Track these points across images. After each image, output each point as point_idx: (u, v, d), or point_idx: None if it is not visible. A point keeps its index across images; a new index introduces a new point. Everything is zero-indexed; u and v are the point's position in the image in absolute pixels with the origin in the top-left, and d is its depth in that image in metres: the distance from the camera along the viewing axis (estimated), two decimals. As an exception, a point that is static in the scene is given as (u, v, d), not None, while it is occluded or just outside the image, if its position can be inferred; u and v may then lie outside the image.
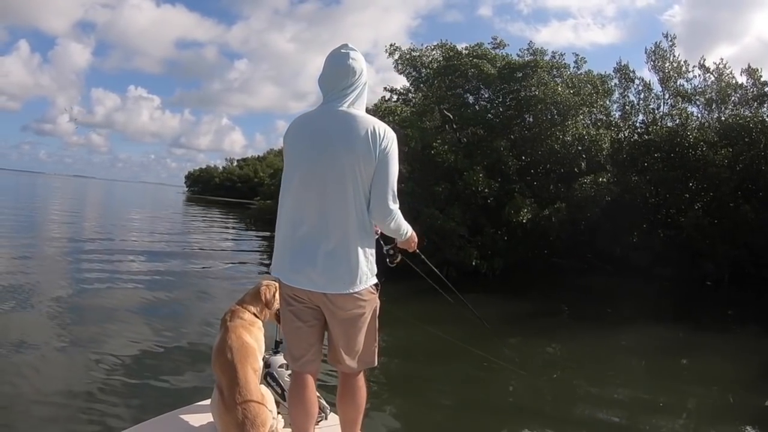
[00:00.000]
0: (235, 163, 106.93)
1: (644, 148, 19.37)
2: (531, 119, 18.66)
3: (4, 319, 7.92)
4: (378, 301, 2.65)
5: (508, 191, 17.07)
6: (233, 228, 33.31)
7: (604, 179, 17.55)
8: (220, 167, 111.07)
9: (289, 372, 3.16)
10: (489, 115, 19.03)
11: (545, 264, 17.84)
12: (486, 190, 16.72)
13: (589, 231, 17.81)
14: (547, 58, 19.85)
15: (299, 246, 2.50)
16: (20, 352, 6.48)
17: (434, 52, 20.11)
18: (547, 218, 16.47)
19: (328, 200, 2.44)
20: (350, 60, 2.51)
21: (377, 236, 2.72)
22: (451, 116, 18.46)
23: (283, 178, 2.62)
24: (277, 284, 3.00)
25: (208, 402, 3.21)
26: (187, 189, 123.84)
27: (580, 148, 17.90)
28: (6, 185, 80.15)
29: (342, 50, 2.54)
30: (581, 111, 18.03)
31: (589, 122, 19.35)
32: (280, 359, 3.38)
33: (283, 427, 3.16)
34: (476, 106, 19.56)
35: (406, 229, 2.69)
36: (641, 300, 15.43)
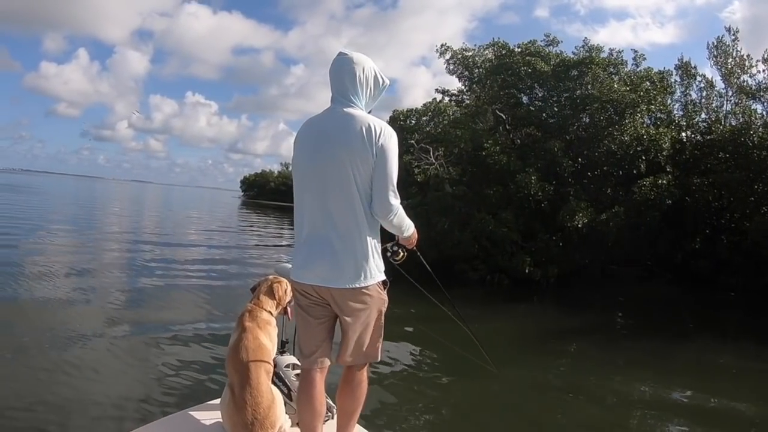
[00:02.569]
0: (291, 168, 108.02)
1: (707, 149, 18.46)
2: (587, 119, 17.93)
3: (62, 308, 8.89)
4: (386, 299, 2.69)
5: (563, 194, 16.47)
6: (288, 230, 33.63)
7: (665, 181, 16.66)
8: (276, 172, 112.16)
9: (296, 372, 3.27)
10: (543, 114, 18.39)
11: (602, 272, 17.15)
12: (540, 194, 16.18)
13: (648, 236, 17.01)
14: (603, 55, 19.07)
15: (306, 243, 2.60)
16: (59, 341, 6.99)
17: (486, 51, 19.54)
18: (604, 223, 15.79)
19: (331, 198, 2.51)
20: (349, 64, 2.59)
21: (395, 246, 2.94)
22: (504, 116, 17.87)
23: (293, 180, 2.71)
24: (285, 280, 3.25)
25: (218, 401, 3.20)
26: (242, 193, 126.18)
27: (639, 148, 17.12)
28: (67, 189, 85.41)
29: (341, 55, 2.63)
30: (639, 109, 17.21)
31: (648, 121, 18.52)
32: (286, 359, 3.45)
33: (291, 427, 3.13)
34: (530, 106, 18.93)
35: (408, 225, 2.73)
36: (703, 312, 14.74)
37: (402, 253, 2.99)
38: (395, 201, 2.54)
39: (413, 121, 19.63)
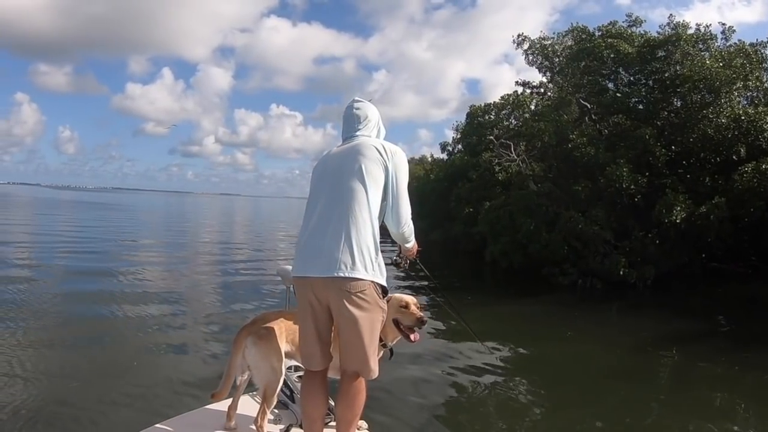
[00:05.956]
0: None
1: (812, 128, 16.83)
2: (678, 102, 16.66)
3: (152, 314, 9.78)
4: (384, 308, 2.79)
5: (658, 187, 15.35)
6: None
7: (768, 166, 15.21)
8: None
9: (298, 374, 3.44)
10: (631, 100, 17.18)
11: (703, 270, 15.92)
12: (632, 187, 15.14)
13: (752, 229, 15.70)
14: (690, 31, 17.64)
15: (308, 241, 2.76)
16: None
17: (566, 38, 18.41)
18: (703, 216, 14.57)
19: (342, 201, 2.70)
20: (355, 109, 2.99)
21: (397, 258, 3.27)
22: (589, 105, 16.76)
23: (309, 195, 2.93)
24: None
25: (213, 406, 3.33)
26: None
27: (737, 132, 15.74)
28: (159, 205, 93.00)
29: (350, 103, 3.04)
30: (735, 86, 15.82)
31: (744, 101, 17.06)
32: (288, 362, 3.49)
33: (294, 427, 3.23)
34: (617, 93, 17.67)
35: (412, 236, 3.00)
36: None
37: (403, 264, 3.25)
38: (408, 213, 2.82)
39: (491, 116, 18.73)
